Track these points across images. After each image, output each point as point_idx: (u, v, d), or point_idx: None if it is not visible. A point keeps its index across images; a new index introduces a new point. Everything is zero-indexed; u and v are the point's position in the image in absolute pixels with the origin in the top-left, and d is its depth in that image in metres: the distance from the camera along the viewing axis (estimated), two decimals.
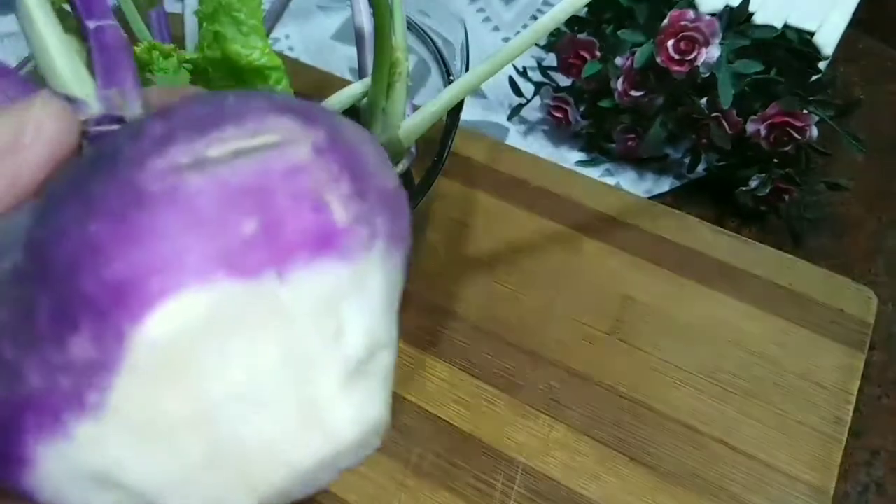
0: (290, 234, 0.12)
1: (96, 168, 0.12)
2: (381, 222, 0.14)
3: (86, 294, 0.11)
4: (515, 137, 0.48)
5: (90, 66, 0.16)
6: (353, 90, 0.31)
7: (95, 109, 0.15)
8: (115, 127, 0.15)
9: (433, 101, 0.29)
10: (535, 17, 0.56)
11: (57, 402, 0.11)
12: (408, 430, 0.34)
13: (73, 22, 0.17)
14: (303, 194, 0.12)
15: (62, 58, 0.15)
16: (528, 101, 0.48)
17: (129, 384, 0.11)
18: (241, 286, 0.12)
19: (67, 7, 0.18)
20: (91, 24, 0.16)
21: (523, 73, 0.48)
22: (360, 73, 0.33)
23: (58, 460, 0.12)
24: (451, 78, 0.33)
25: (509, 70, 0.48)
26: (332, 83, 0.44)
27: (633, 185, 0.45)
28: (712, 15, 0.39)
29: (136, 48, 0.26)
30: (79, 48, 0.17)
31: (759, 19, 0.40)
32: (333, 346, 0.13)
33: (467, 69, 0.32)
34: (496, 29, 0.55)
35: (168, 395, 0.11)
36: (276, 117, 0.13)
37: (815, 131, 0.38)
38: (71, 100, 0.15)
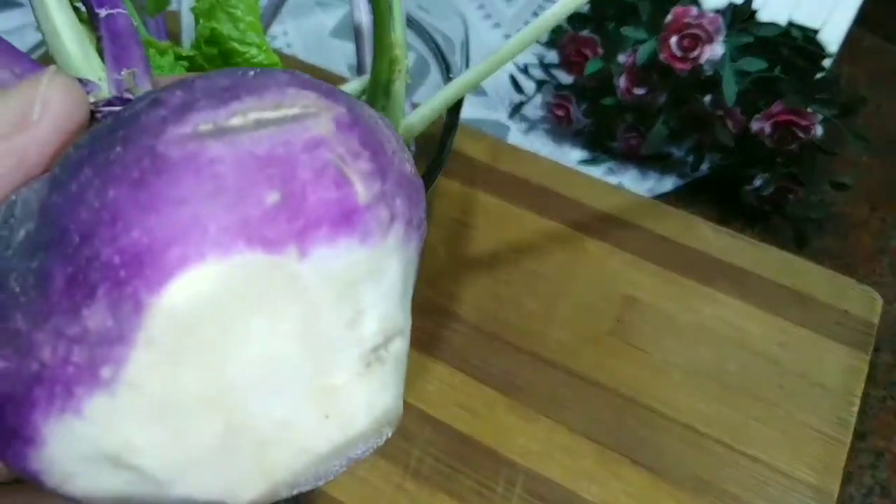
0: (311, 208, 0.12)
1: (113, 135, 0.12)
2: (399, 205, 0.13)
3: (103, 262, 0.11)
4: (516, 136, 0.48)
5: (101, 55, 0.16)
6: (352, 87, 0.31)
7: (106, 92, 0.15)
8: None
9: (433, 99, 0.29)
10: (536, 14, 0.55)
11: (69, 376, 0.11)
12: (407, 432, 0.33)
13: (83, 15, 0.17)
14: (324, 168, 0.12)
15: (73, 41, 0.15)
16: (530, 98, 0.48)
17: (145, 358, 0.11)
18: (262, 260, 0.11)
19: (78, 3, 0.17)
20: (102, 12, 0.16)
21: (524, 70, 0.48)
22: (359, 70, 0.33)
23: (67, 439, 0.11)
24: (451, 75, 0.32)
25: (510, 67, 0.48)
26: (331, 80, 0.44)
27: (636, 184, 0.45)
28: (716, 12, 0.38)
29: None
30: (89, 37, 0.16)
31: (762, 17, 0.40)
32: (351, 331, 0.12)
33: (467, 66, 0.32)
34: (497, 26, 0.55)
35: (185, 372, 0.11)
36: (297, 90, 0.13)
37: (819, 130, 0.38)
38: (82, 82, 0.15)
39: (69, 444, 0.11)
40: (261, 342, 0.11)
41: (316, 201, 0.12)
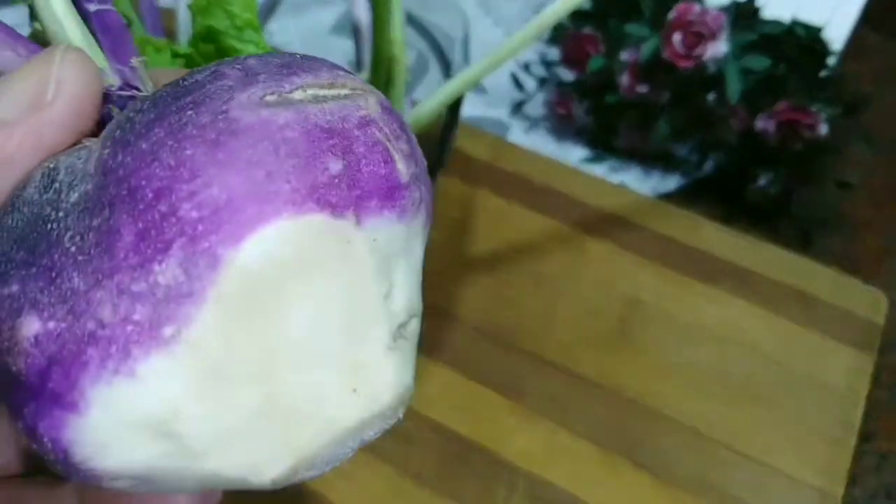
0: (365, 180, 0.12)
1: (180, 100, 0.12)
2: (423, 189, 0.14)
3: (180, 217, 0.11)
4: (517, 134, 0.47)
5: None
6: None
7: (112, 80, 0.15)
8: (138, 93, 0.15)
9: (433, 97, 0.29)
10: (537, 11, 0.55)
11: (128, 335, 0.11)
12: (407, 435, 0.33)
13: None
14: (375, 145, 0.13)
15: (75, 30, 0.15)
16: (531, 96, 0.47)
17: (211, 316, 0.11)
18: (328, 223, 0.12)
19: None
20: (91, 7, 0.16)
21: (526, 68, 0.48)
22: (358, 68, 0.33)
23: (114, 403, 0.11)
24: (451, 73, 0.32)
25: (511, 65, 0.48)
26: None
27: (639, 182, 0.45)
28: (719, 9, 0.38)
29: None
30: None
31: (766, 14, 0.40)
32: (385, 305, 0.13)
33: (468, 64, 0.32)
34: (497, 23, 0.54)
35: (241, 335, 0.11)
36: (344, 73, 0.13)
37: (824, 129, 0.38)
38: None
39: (115, 409, 0.11)
40: (310, 308, 0.12)
41: (369, 174, 0.12)
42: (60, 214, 0.12)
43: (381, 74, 0.28)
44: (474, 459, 0.33)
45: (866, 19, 0.44)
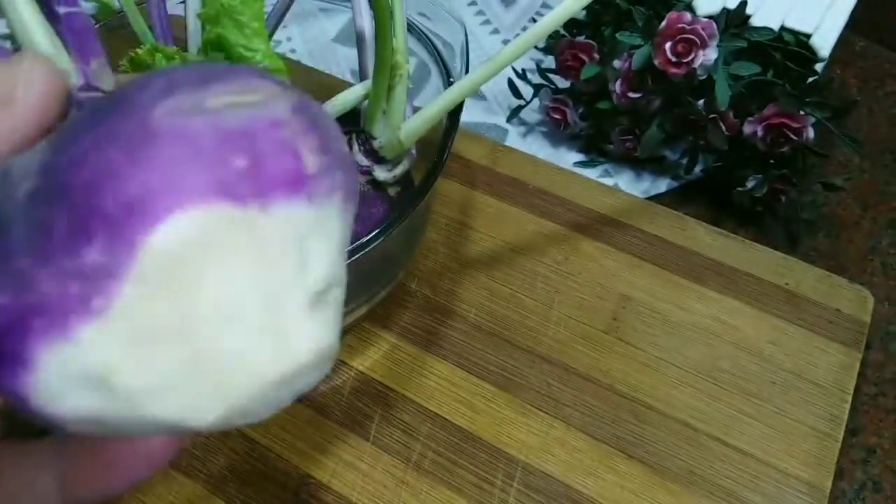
0: (271, 173, 0.14)
1: (110, 110, 0.14)
2: (339, 176, 0.16)
3: (102, 210, 0.13)
4: (515, 139, 0.48)
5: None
6: (355, 92, 0.32)
7: (76, 81, 0.17)
8: (98, 94, 0.17)
9: (433, 103, 0.30)
10: (534, 20, 0.56)
11: (65, 306, 0.13)
12: (408, 427, 0.34)
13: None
14: (282, 143, 0.14)
15: (41, 34, 0.17)
16: (528, 102, 0.48)
17: (132, 291, 0.13)
18: (231, 211, 0.13)
19: None
20: (61, 10, 0.18)
21: (522, 75, 0.49)
22: (361, 75, 0.33)
23: (57, 361, 0.13)
24: (451, 80, 0.33)
25: (508, 72, 0.48)
26: (334, 85, 0.45)
27: (631, 185, 0.45)
28: (710, 17, 0.39)
29: (138, 50, 0.26)
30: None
31: (756, 21, 0.40)
32: (299, 276, 0.15)
33: (467, 71, 0.33)
34: (495, 31, 0.55)
35: (162, 305, 0.13)
36: (259, 80, 0.15)
37: (811, 132, 0.39)
38: None
39: (59, 366, 0.13)
40: (225, 282, 0.13)
41: (274, 168, 0.14)
42: (11, 207, 0.14)
43: (384, 82, 0.29)
44: (473, 451, 0.33)
45: (855, 25, 0.45)
